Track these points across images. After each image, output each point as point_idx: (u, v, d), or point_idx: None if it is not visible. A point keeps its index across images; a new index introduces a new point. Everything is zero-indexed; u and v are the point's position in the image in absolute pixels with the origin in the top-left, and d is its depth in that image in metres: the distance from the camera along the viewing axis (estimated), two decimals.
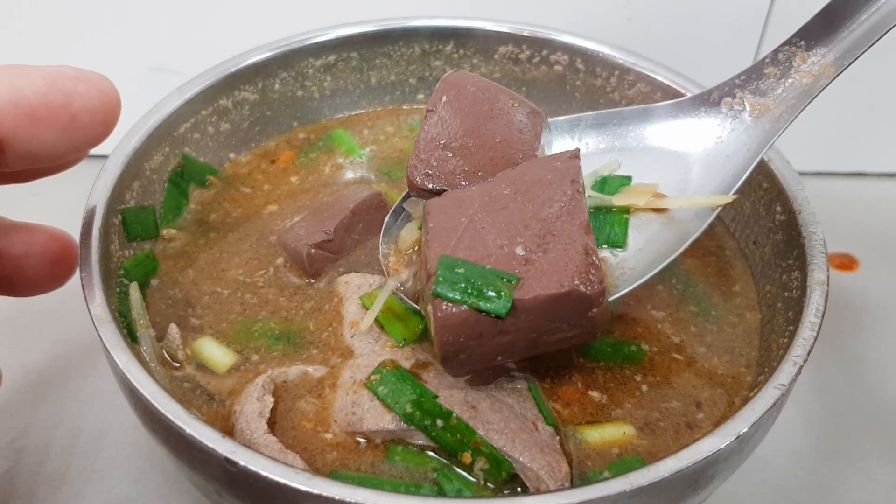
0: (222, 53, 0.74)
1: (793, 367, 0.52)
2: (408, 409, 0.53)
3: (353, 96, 0.81)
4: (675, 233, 0.59)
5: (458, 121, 0.58)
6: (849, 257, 0.91)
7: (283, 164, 0.76)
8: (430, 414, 0.53)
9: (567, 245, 0.50)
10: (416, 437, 0.54)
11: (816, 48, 0.60)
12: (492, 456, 0.52)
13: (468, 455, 0.52)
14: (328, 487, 0.44)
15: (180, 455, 0.51)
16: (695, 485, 0.49)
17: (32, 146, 0.49)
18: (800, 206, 0.63)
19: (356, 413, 0.54)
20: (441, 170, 0.57)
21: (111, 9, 0.89)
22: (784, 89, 0.61)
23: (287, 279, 0.65)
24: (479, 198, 0.53)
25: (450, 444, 0.52)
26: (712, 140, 0.62)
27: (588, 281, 0.49)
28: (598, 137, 0.64)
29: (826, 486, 0.71)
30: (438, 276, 0.50)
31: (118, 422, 0.72)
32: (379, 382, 0.55)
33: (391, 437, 0.54)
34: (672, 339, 0.62)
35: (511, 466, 0.52)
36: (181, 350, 0.59)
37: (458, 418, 0.52)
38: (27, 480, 0.68)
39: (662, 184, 0.61)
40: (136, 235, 0.65)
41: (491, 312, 0.49)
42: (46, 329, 0.79)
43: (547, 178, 0.53)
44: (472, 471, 0.52)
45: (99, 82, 0.51)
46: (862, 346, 0.82)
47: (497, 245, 0.51)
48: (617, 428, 0.56)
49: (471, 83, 0.59)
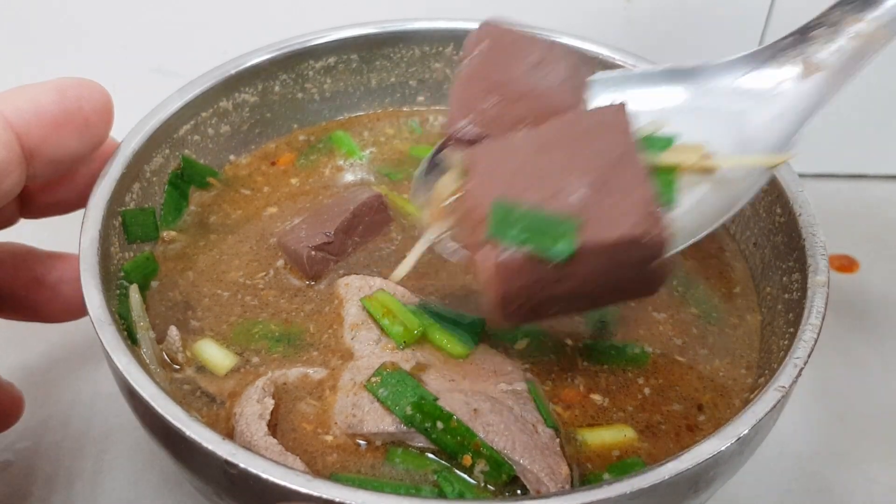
0: (222, 55, 0.74)
1: (793, 369, 0.52)
2: (408, 412, 0.53)
3: (353, 98, 0.81)
4: (725, 194, 0.57)
5: (497, 68, 0.55)
6: (849, 259, 0.91)
7: (284, 167, 0.76)
8: (431, 416, 0.53)
9: (628, 192, 0.48)
10: (417, 440, 0.54)
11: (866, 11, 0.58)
12: (492, 458, 0.51)
13: (468, 457, 0.52)
14: (328, 489, 0.44)
15: (180, 457, 0.51)
16: (695, 487, 0.49)
17: (57, 152, 0.55)
18: (800, 207, 0.63)
19: (356, 415, 0.54)
20: (485, 116, 0.54)
21: (111, 11, 0.89)
22: (831, 52, 0.59)
23: (287, 281, 0.65)
24: (527, 145, 0.51)
25: (450, 446, 0.52)
26: (761, 100, 0.60)
27: (654, 228, 0.47)
28: (645, 94, 0.62)
29: (827, 487, 0.71)
30: (493, 219, 0.47)
31: (118, 424, 0.72)
32: (379, 384, 0.54)
33: (391, 440, 0.54)
34: (674, 340, 0.62)
35: (511, 469, 0.52)
36: (181, 352, 0.59)
37: (458, 420, 0.52)
38: (27, 482, 0.68)
39: (710, 144, 0.58)
40: (136, 237, 0.65)
41: (553, 257, 0.46)
42: (47, 331, 0.79)
43: (598, 128, 0.51)
44: (473, 473, 0.52)
45: (96, 86, 0.56)
46: (862, 347, 0.82)
47: (553, 191, 0.48)
48: (618, 431, 0.56)
49: (508, 33, 0.57)
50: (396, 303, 0.60)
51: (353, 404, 0.55)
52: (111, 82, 0.92)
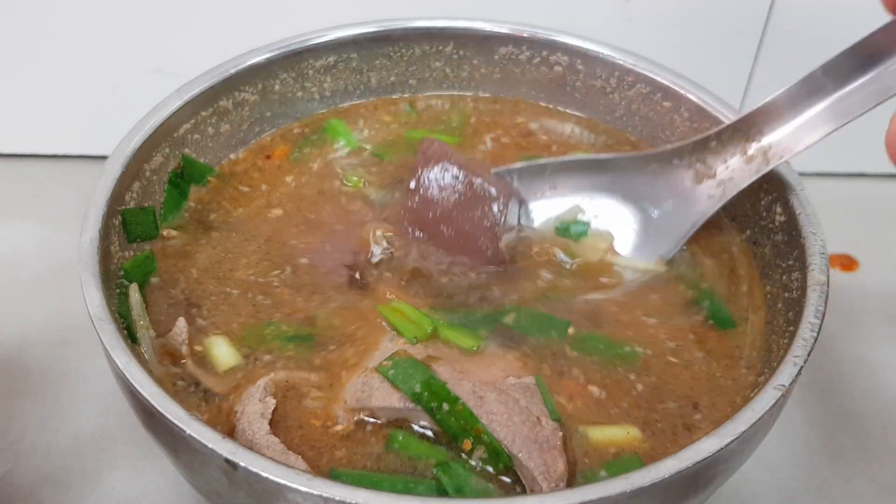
0: (222, 55, 0.74)
1: (793, 368, 0.52)
2: (416, 389, 0.55)
3: (353, 97, 0.81)
4: None
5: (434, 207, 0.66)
6: (849, 258, 0.91)
7: (278, 161, 0.76)
8: (438, 396, 0.54)
9: None
10: (421, 419, 0.55)
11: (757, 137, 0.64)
12: (491, 446, 0.53)
13: (469, 442, 0.53)
14: (328, 488, 0.44)
15: (180, 456, 0.51)
16: (695, 485, 0.49)
17: None
18: (800, 206, 0.63)
19: (365, 391, 0.55)
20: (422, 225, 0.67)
21: (111, 11, 0.89)
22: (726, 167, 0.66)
23: (307, 279, 0.64)
24: None
25: (452, 428, 0.54)
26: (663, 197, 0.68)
27: None
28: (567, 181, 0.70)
29: (827, 486, 0.71)
30: None
31: (118, 423, 0.72)
32: (390, 367, 0.56)
33: (397, 417, 0.55)
34: (667, 344, 0.62)
35: (509, 460, 0.52)
36: (185, 345, 0.59)
37: (463, 405, 0.54)
38: (27, 482, 0.68)
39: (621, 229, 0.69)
40: (137, 236, 0.65)
41: None
42: (46, 330, 0.79)
43: None
44: (471, 458, 0.53)
45: None
46: (862, 346, 0.82)
47: None
48: (621, 429, 0.56)
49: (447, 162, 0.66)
50: (410, 308, 0.62)
51: (364, 383, 0.56)
52: (111, 82, 0.93)
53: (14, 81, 0.93)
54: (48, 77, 0.93)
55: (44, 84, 0.93)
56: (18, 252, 0.87)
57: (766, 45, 0.92)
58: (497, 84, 0.82)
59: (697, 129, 0.73)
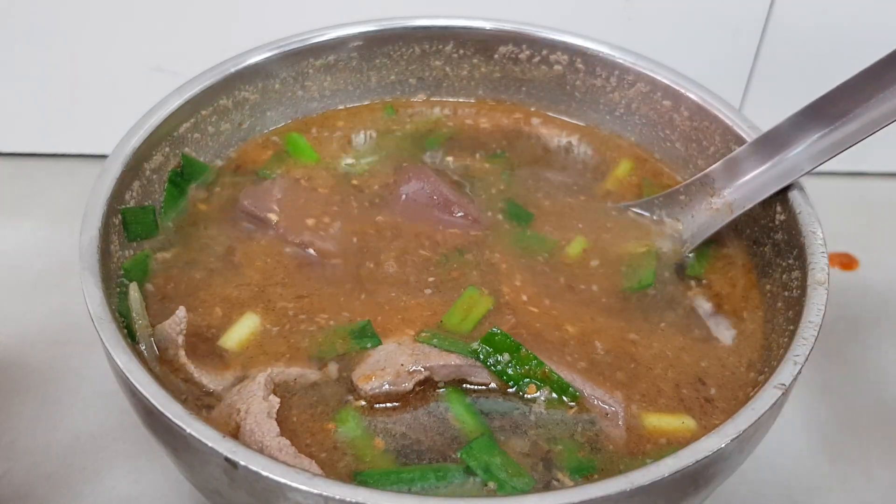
0: (222, 53, 0.74)
1: (793, 367, 0.52)
2: (473, 346, 0.57)
3: (353, 96, 0.81)
4: None
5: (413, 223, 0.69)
6: (849, 257, 0.91)
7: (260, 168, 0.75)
8: (500, 347, 0.56)
9: None
10: (478, 375, 0.57)
11: (722, 190, 0.67)
12: (559, 383, 0.56)
13: (534, 386, 0.56)
14: (329, 487, 0.45)
15: (180, 455, 0.51)
16: (695, 484, 0.49)
17: None
18: (800, 205, 0.63)
19: (418, 353, 0.57)
20: None
21: (111, 9, 0.89)
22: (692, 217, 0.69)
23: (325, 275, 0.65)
24: None
25: (513, 377, 0.56)
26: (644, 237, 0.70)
27: None
28: None
29: (827, 485, 0.71)
30: None
31: (118, 422, 0.72)
32: (430, 338, 0.58)
33: (455, 375, 0.57)
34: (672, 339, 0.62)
35: (576, 393, 0.55)
36: (182, 335, 0.58)
37: (527, 350, 0.56)
38: (27, 481, 0.68)
39: None
40: (137, 235, 0.65)
41: None
42: (46, 329, 0.79)
43: None
44: (534, 404, 0.56)
45: None
46: (862, 345, 0.82)
47: None
48: (677, 418, 0.57)
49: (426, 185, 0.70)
50: None
51: (412, 349, 0.58)
52: (111, 82, 0.93)
53: (14, 80, 0.93)
54: (48, 76, 0.93)
55: (44, 83, 0.93)
56: (18, 251, 0.87)
57: (766, 45, 0.92)
58: (497, 83, 0.82)
59: (697, 127, 0.73)
